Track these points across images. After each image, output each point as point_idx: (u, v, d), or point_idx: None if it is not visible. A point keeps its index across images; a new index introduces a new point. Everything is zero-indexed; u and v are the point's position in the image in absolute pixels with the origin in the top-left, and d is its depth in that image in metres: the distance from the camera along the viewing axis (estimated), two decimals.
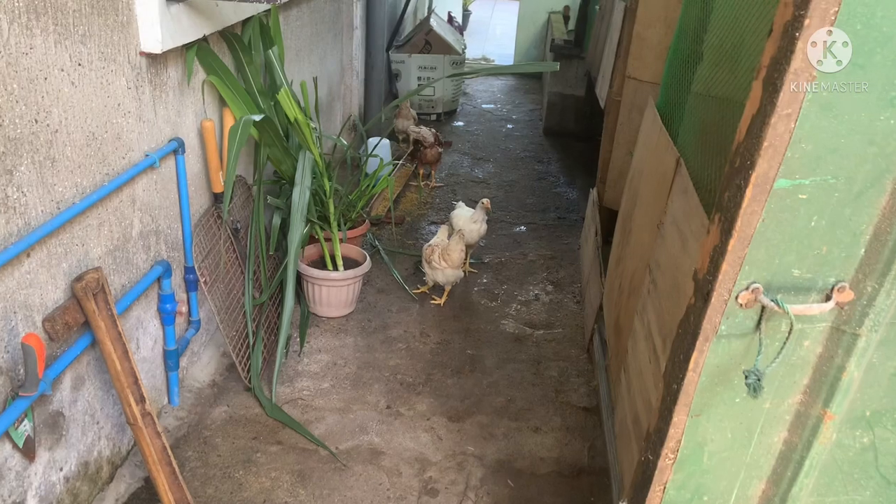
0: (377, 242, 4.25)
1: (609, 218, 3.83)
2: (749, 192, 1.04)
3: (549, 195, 5.46)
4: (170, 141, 2.53)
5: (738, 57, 1.84)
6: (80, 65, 1.96)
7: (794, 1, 0.95)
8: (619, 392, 2.56)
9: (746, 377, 1.16)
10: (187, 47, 2.57)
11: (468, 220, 3.94)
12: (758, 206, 1.06)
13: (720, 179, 1.86)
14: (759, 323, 1.19)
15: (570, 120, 6.77)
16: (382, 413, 2.92)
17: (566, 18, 7.87)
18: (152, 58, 2.35)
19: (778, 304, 1.13)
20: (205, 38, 2.67)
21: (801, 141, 1.02)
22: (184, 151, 2.59)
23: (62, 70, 1.89)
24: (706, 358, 1.20)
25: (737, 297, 1.15)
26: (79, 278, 2.00)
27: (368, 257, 3.62)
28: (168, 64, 2.47)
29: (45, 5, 1.77)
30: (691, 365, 1.20)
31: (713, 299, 1.14)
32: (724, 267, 1.11)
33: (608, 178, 3.77)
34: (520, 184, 5.65)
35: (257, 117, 2.66)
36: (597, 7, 5.39)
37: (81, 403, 2.16)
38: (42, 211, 1.86)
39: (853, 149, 1.04)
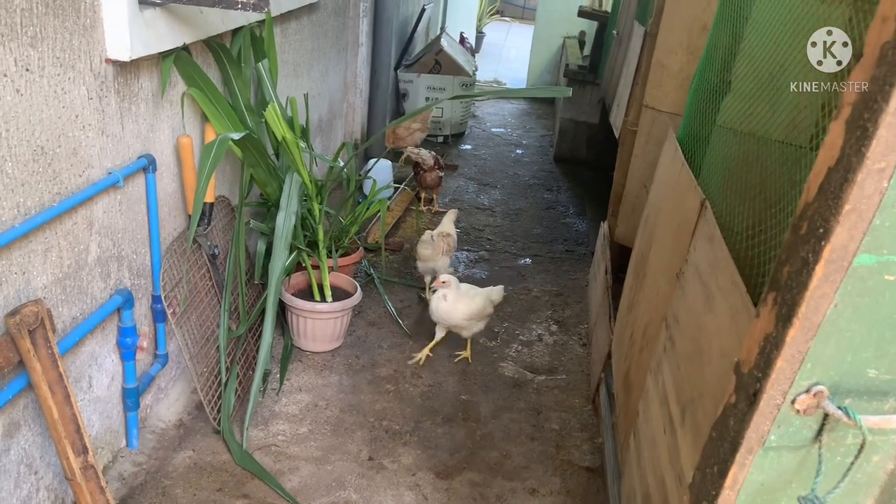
0: (372, 271, 3.99)
1: (620, 254, 3.57)
2: (820, 269, 0.77)
3: (558, 226, 5.19)
4: (139, 158, 2.28)
5: (780, 87, 1.60)
6: (27, 70, 1.72)
7: None
8: (628, 459, 2.28)
9: None
10: (164, 56, 2.34)
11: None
12: (830, 288, 0.79)
13: (752, 227, 1.61)
14: (818, 433, 0.92)
15: (582, 147, 6.53)
16: (363, 465, 2.64)
17: (581, 44, 7.66)
18: (120, 66, 2.11)
19: (847, 414, 0.86)
20: (185, 47, 2.44)
21: (894, 205, 0.75)
22: (155, 170, 2.34)
23: (4, 75, 1.65)
24: (748, 473, 0.93)
25: (793, 402, 0.87)
26: (13, 312, 1.74)
27: (359, 288, 3.35)
28: (140, 73, 2.24)
29: None
30: (728, 481, 0.93)
31: (762, 402, 0.87)
32: (779, 363, 0.84)
33: (620, 212, 3.52)
34: (527, 212, 5.38)
35: (236, 135, 2.42)
36: (614, 32, 5.16)
37: (16, 452, 1.90)
38: None
39: None
